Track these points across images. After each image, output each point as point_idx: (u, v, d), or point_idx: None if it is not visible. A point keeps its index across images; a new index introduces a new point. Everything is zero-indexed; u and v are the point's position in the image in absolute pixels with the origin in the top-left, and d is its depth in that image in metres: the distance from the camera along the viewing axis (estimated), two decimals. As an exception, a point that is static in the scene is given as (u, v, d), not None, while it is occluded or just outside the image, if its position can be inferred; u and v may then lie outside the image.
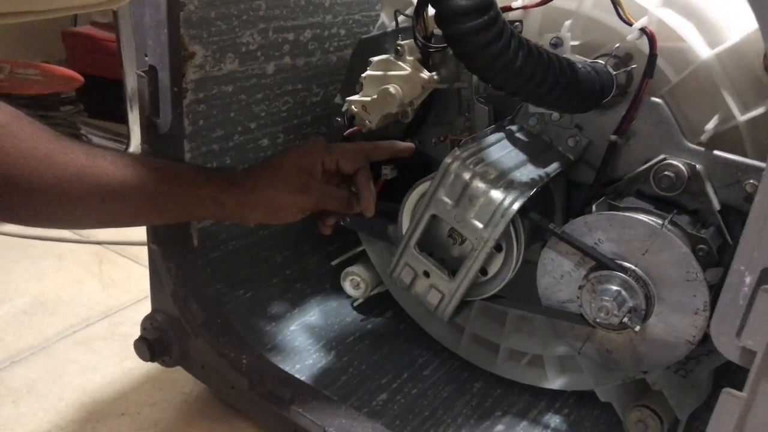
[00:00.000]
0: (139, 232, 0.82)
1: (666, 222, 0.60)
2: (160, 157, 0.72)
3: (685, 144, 0.63)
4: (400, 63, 0.72)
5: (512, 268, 0.66)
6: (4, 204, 0.54)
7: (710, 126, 0.62)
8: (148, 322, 0.84)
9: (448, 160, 0.65)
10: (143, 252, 0.87)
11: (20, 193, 0.54)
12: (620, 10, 0.62)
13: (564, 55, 0.62)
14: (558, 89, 0.58)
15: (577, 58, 0.64)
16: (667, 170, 0.63)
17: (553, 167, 0.67)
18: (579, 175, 0.71)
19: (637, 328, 0.59)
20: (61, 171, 0.55)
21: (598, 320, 0.61)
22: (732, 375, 0.58)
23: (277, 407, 0.75)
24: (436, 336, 0.91)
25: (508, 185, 0.63)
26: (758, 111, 0.61)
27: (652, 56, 0.63)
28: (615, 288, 0.60)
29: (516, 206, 0.62)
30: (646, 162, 0.65)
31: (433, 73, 0.72)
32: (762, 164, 0.59)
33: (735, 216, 0.63)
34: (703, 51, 0.63)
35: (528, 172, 0.65)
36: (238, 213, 0.68)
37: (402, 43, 0.72)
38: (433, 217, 0.67)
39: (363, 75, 0.75)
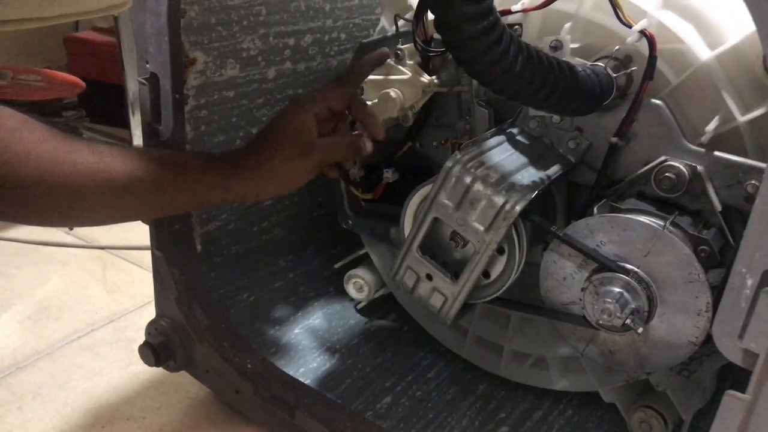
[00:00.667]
0: (142, 237, 0.82)
1: (667, 223, 0.60)
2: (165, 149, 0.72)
3: (686, 145, 0.63)
4: (400, 67, 0.73)
5: (514, 270, 0.66)
6: (15, 205, 0.55)
7: (711, 127, 0.62)
8: (152, 327, 0.84)
9: (449, 163, 0.65)
10: (146, 256, 0.87)
11: (31, 193, 0.54)
12: (620, 13, 0.62)
13: (564, 58, 0.62)
14: (558, 92, 0.58)
15: (576, 61, 0.64)
16: (668, 171, 0.63)
17: (554, 170, 0.67)
18: (580, 177, 0.71)
19: (640, 329, 0.59)
20: (70, 169, 0.55)
21: (600, 322, 0.61)
22: (736, 375, 0.58)
23: (281, 411, 0.75)
24: (440, 338, 0.91)
25: (510, 188, 0.63)
26: (759, 112, 0.61)
27: (652, 58, 0.63)
28: (617, 290, 0.60)
29: (518, 209, 0.62)
30: (647, 163, 0.65)
31: (434, 77, 0.73)
32: (763, 165, 0.59)
33: (737, 216, 0.63)
34: (703, 52, 0.63)
35: (529, 175, 0.66)
36: (251, 193, 0.67)
37: (402, 47, 0.72)
38: (435, 220, 0.67)
39: (364, 79, 0.76)
